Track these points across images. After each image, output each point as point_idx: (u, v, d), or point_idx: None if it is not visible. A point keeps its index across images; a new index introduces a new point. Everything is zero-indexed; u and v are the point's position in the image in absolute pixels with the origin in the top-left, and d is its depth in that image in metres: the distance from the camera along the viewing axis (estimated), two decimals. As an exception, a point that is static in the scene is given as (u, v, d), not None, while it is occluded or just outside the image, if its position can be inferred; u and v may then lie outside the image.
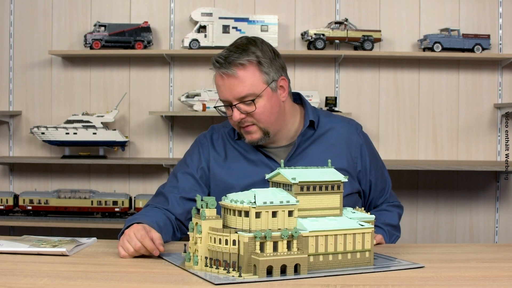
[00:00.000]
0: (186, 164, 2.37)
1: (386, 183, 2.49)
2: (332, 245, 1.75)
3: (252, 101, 2.17)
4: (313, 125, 2.34)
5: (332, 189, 1.83)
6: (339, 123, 2.39)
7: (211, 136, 2.41)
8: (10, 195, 4.38)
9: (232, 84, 2.16)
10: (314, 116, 2.34)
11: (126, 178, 4.62)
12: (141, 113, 4.58)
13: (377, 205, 2.49)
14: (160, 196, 2.32)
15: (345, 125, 2.40)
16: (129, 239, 1.91)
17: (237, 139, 2.35)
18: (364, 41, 4.38)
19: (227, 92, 2.18)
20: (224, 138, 2.38)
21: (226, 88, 2.17)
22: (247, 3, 4.56)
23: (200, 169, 2.34)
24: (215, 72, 2.20)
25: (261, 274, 1.62)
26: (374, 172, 2.41)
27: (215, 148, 2.37)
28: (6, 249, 1.95)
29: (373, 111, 4.57)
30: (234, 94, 2.17)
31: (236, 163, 2.32)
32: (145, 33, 4.39)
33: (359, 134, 2.40)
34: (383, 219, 2.38)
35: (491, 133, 4.57)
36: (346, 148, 2.35)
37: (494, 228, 4.59)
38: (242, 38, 2.27)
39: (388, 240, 2.35)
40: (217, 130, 2.42)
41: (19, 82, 4.59)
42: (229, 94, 2.17)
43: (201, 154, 2.37)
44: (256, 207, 1.67)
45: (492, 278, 1.71)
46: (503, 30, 4.52)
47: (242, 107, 2.18)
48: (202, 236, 1.72)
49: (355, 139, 2.38)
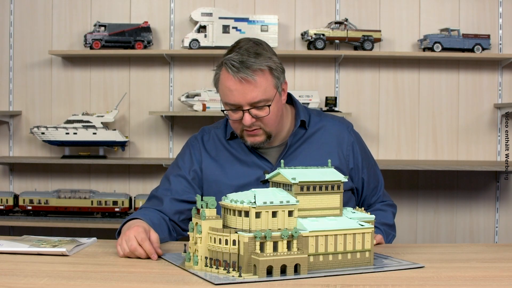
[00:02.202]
0: (178, 167, 2.36)
1: (379, 182, 2.49)
2: (332, 245, 1.75)
3: (268, 106, 2.16)
4: (304, 125, 2.35)
5: (332, 189, 1.83)
6: (330, 122, 2.40)
7: (202, 138, 2.40)
8: (10, 195, 4.39)
9: (248, 89, 2.13)
10: (305, 116, 2.35)
11: (126, 178, 4.62)
12: (141, 113, 4.58)
13: (370, 204, 2.49)
14: (154, 199, 2.32)
15: (336, 124, 2.40)
16: (127, 240, 1.91)
17: (229, 139, 2.35)
18: (364, 41, 4.38)
19: (240, 96, 2.14)
20: (215, 139, 2.38)
21: (239, 93, 2.13)
22: (247, 3, 4.56)
23: (193, 171, 2.33)
24: (227, 76, 2.15)
25: (261, 274, 1.62)
26: (366, 170, 2.41)
27: (206, 149, 2.36)
28: (6, 249, 1.94)
29: (373, 111, 4.57)
30: (247, 99, 2.14)
31: (228, 164, 2.32)
32: (145, 33, 4.39)
33: (350, 132, 2.41)
34: (379, 218, 2.38)
35: (491, 133, 4.57)
36: (337, 146, 2.35)
37: (494, 228, 4.59)
38: (245, 40, 2.23)
39: (386, 240, 2.35)
40: (208, 132, 2.41)
41: (19, 82, 4.59)
42: (242, 98, 2.14)
43: (193, 156, 2.36)
44: (256, 207, 1.67)
45: (492, 278, 1.71)
46: (503, 30, 4.52)
47: (253, 112, 2.16)
48: (202, 236, 1.72)
49: (346, 137, 2.38)
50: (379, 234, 2.28)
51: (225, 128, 2.38)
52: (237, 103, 2.15)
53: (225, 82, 2.15)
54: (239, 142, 2.33)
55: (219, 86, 2.21)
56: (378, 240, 2.21)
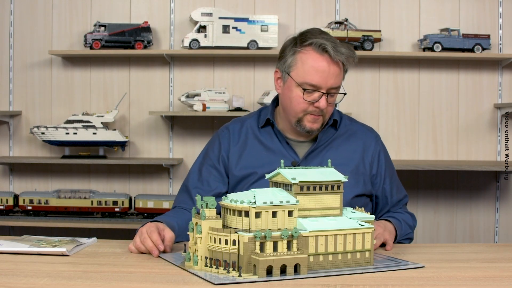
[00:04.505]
0: (209, 157, 2.43)
1: (404, 196, 2.55)
2: (332, 245, 1.75)
3: (344, 94, 2.29)
4: (335, 125, 2.42)
5: (332, 189, 1.83)
6: (360, 129, 2.48)
7: (232, 127, 2.47)
8: (10, 195, 4.38)
9: (336, 73, 2.24)
10: (337, 117, 2.43)
11: (126, 178, 4.62)
12: (141, 113, 4.58)
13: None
14: (185, 194, 2.40)
15: (365, 131, 2.49)
16: (140, 234, 1.98)
17: (262, 127, 2.42)
18: (364, 41, 4.38)
19: (328, 77, 2.23)
20: (247, 127, 2.44)
21: (330, 74, 2.22)
22: (247, 3, 4.56)
23: (221, 158, 2.40)
24: (316, 57, 2.22)
25: (261, 274, 1.62)
26: (389, 180, 2.46)
27: (234, 137, 2.43)
28: (6, 249, 1.95)
29: (373, 111, 4.57)
30: (332, 82, 2.23)
31: (255, 151, 2.38)
32: (145, 33, 4.38)
33: (378, 142, 2.49)
34: (401, 216, 2.40)
35: (491, 133, 4.57)
36: (362, 152, 2.42)
37: (494, 228, 4.59)
38: (317, 29, 2.33)
39: (400, 231, 2.31)
40: (240, 121, 2.48)
41: (19, 82, 4.59)
42: (329, 80, 2.23)
43: (221, 145, 2.43)
44: (256, 207, 1.67)
45: (492, 278, 1.71)
46: (503, 30, 4.52)
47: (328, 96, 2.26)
48: (202, 236, 1.72)
49: (373, 145, 2.45)
50: (394, 224, 2.27)
51: (258, 117, 2.45)
52: (320, 85, 2.23)
53: (313, 62, 2.23)
54: (270, 131, 2.41)
55: (299, 65, 2.26)
56: (383, 240, 2.12)
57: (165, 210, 4.29)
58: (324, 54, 2.22)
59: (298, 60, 2.25)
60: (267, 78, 4.53)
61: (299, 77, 2.25)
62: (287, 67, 2.29)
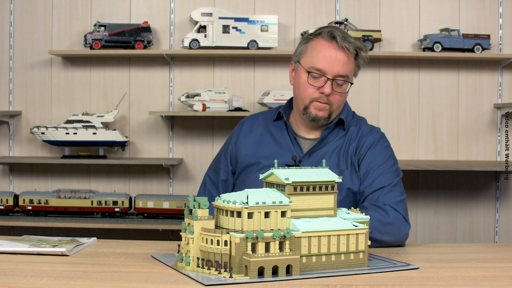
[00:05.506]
0: (222, 147, 2.61)
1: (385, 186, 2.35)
2: (325, 246, 1.74)
3: (351, 83, 2.37)
4: (342, 124, 2.46)
5: (326, 189, 1.83)
6: (366, 131, 2.48)
7: (247, 119, 2.59)
8: (10, 195, 4.39)
9: (343, 60, 2.31)
10: (346, 117, 2.47)
11: (126, 178, 4.62)
12: (141, 113, 4.58)
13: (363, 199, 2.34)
14: (202, 185, 2.59)
15: (370, 133, 2.48)
16: None
17: (275, 120, 2.50)
18: (364, 41, 4.37)
19: (335, 63, 2.30)
20: (260, 120, 2.55)
21: (337, 60, 2.31)
22: (247, 3, 4.55)
23: (229, 149, 2.53)
24: (325, 44, 2.32)
25: (252, 275, 1.62)
26: (376, 166, 2.37)
27: (246, 128, 2.54)
28: (6, 249, 1.95)
29: (373, 111, 4.56)
30: (339, 69, 2.31)
31: (263, 143, 2.46)
32: (145, 33, 4.39)
33: (377, 134, 2.48)
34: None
35: (491, 133, 4.55)
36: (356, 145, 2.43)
37: (494, 228, 4.58)
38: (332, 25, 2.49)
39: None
40: (258, 114, 2.60)
41: (19, 82, 4.60)
42: (335, 66, 2.30)
43: (232, 137, 2.56)
44: (248, 207, 1.67)
45: (492, 278, 1.71)
46: (503, 30, 4.51)
47: (334, 84, 2.33)
48: (194, 236, 1.72)
49: (370, 138, 2.43)
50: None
51: (275, 111, 2.53)
52: (326, 70, 2.30)
53: (321, 48, 2.33)
54: (282, 125, 2.49)
55: (309, 51, 2.36)
56: None
57: (165, 210, 4.30)
58: (332, 41, 2.32)
59: (308, 48, 2.36)
60: (267, 78, 4.53)
61: (307, 63, 2.34)
62: (298, 55, 2.40)
